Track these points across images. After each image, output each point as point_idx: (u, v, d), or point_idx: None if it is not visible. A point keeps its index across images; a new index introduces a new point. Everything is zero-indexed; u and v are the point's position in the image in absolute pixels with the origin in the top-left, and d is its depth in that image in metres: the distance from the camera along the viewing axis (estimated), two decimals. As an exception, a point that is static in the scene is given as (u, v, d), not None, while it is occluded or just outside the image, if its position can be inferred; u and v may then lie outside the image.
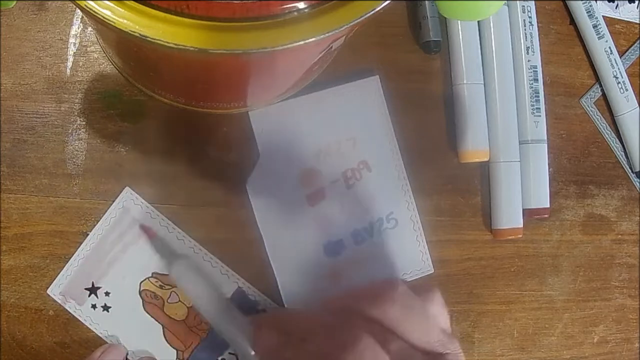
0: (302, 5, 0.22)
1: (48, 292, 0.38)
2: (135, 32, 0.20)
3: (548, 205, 0.43)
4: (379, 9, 0.22)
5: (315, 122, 0.40)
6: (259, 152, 0.39)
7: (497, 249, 0.43)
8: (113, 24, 0.20)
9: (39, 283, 0.38)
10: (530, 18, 0.43)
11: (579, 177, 0.45)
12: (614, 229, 0.45)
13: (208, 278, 0.38)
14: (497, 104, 0.42)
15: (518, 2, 0.43)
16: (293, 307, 0.40)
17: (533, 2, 0.43)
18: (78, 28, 0.39)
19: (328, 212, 0.40)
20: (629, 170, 0.46)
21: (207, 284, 0.38)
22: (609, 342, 0.45)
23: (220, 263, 0.39)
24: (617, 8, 0.45)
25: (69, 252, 0.38)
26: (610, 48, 0.44)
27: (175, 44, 0.21)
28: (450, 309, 0.43)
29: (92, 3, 0.20)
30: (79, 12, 0.38)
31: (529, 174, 0.43)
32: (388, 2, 0.22)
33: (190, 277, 0.37)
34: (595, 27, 0.44)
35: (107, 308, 0.39)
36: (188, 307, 0.39)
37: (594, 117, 0.45)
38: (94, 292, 0.38)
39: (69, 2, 0.21)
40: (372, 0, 0.22)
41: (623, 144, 0.45)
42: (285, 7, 0.21)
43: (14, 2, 0.24)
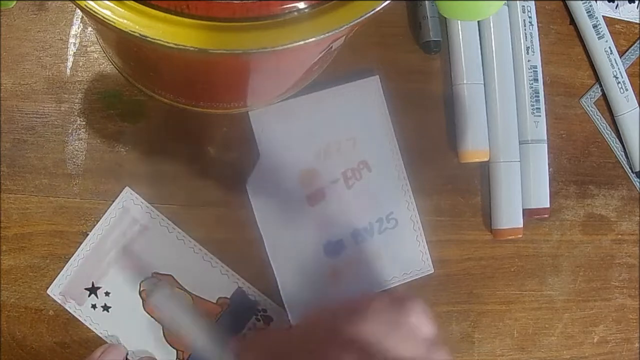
0: (302, 5, 0.22)
1: (48, 292, 0.38)
2: (135, 32, 0.20)
3: (548, 205, 0.43)
4: (379, 9, 0.22)
5: (315, 122, 0.40)
6: (259, 152, 0.39)
7: (497, 249, 0.43)
8: (113, 24, 0.20)
9: (39, 283, 0.38)
10: (530, 18, 0.43)
11: (579, 177, 0.45)
12: (614, 229, 0.45)
13: (187, 303, 0.39)
14: (497, 104, 0.42)
15: (518, 2, 0.43)
16: (293, 306, 0.40)
17: (533, 2, 0.43)
18: (78, 28, 0.39)
19: (328, 212, 0.40)
20: (629, 170, 0.46)
21: (187, 309, 0.38)
22: (609, 342, 0.45)
23: (220, 263, 0.39)
24: (617, 8, 0.45)
25: (69, 252, 0.38)
26: (610, 48, 0.44)
27: (175, 44, 0.21)
28: (450, 309, 0.43)
29: (92, 3, 0.20)
30: (79, 12, 0.38)
31: (529, 174, 0.43)
32: (388, 2, 0.22)
33: (170, 305, 0.38)
34: (595, 27, 0.44)
35: (107, 308, 0.39)
36: (188, 307, 0.39)
37: (594, 117, 0.45)
38: (94, 292, 0.38)
39: (69, 2, 0.21)
40: (372, 0, 0.22)
41: (623, 144, 0.45)
42: (285, 7, 0.21)
43: (14, 2, 0.24)
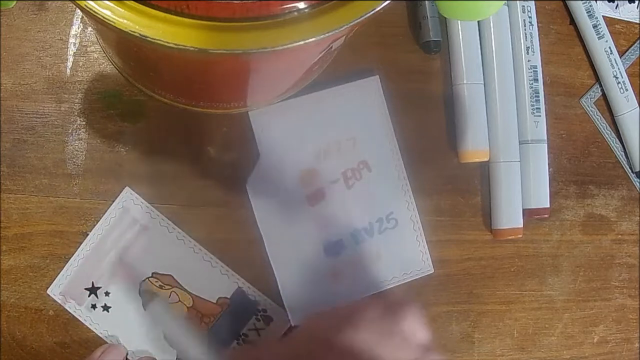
0: (302, 5, 0.22)
1: (48, 292, 0.38)
2: (135, 32, 0.20)
3: (548, 205, 0.43)
4: (379, 9, 0.22)
5: (315, 122, 0.40)
6: (259, 152, 0.39)
7: (497, 249, 0.43)
8: (113, 24, 0.20)
9: (39, 283, 0.38)
10: (530, 18, 0.43)
11: (579, 177, 0.45)
12: (614, 229, 0.45)
13: (180, 319, 0.39)
14: (497, 104, 0.42)
15: (518, 2, 0.43)
16: (293, 306, 0.39)
17: (533, 2, 0.43)
18: (78, 28, 0.39)
19: (328, 212, 0.40)
20: (629, 170, 0.46)
21: (181, 324, 0.38)
22: (609, 342, 0.45)
23: (220, 263, 0.39)
24: (617, 8, 0.45)
25: (69, 252, 0.38)
26: (610, 48, 0.44)
27: (175, 44, 0.21)
28: (450, 309, 0.43)
29: (92, 3, 0.20)
30: (79, 12, 0.38)
31: (529, 174, 0.43)
32: (388, 2, 0.22)
33: (165, 317, 0.38)
34: (595, 27, 0.44)
35: (107, 308, 0.39)
36: (188, 307, 0.39)
37: (594, 117, 0.45)
38: (94, 292, 0.38)
39: (69, 2, 0.21)
40: (372, 0, 0.22)
41: (623, 144, 0.45)
42: (285, 7, 0.21)
43: (14, 2, 0.24)
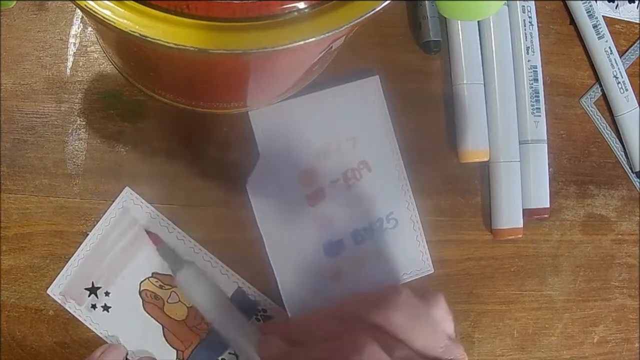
0: (302, 5, 0.22)
1: (48, 292, 0.38)
2: (135, 32, 0.20)
3: (548, 205, 0.43)
4: (379, 9, 0.22)
5: (315, 122, 0.40)
6: (259, 152, 0.39)
7: (497, 249, 0.43)
8: (113, 24, 0.20)
9: (39, 283, 0.38)
10: (530, 18, 0.43)
11: (579, 177, 0.45)
12: (614, 229, 0.45)
13: (213, 284, 0.38)
14: (497, 104, 0.42)
15: (518, 2, 0.43)
16: (293, 306, 0.39)
17: (533, 2, 0.43)
18: (78, 28, 0.39)
19: (328, 212, 0.40)
20: (629, 170, 0.46)
21: (212, 290, 0.38)
22: (609, 342, 0.45)
23: (220, 263, 0.39)
24: (617, 8, 0.45)
25: (69, 252, 0.38)
26: (610, 48, 0.44)
27: (175, 44, 0.21)
28: (450, 309, 0.43)
29: (92, 3, 0.20)
30: (79, 12, 0.38)
31: (529, 174, 0.43)
32: (388, 2, 0.22)
33: (196, 284, 0.38)
34: (595, 27, 0.44)
35: (107, 308, 0.39)
36: (188, 307, 0.39)
37: (594, 117, 0.45)
38: (94, 292, 0.38)
39: (69, 2, 0.21)
40: (372, 0, 0.22)
41: (623, 144, 0.45)
42: (285, 7, 0.21)
43: (14, 2, 0.24)
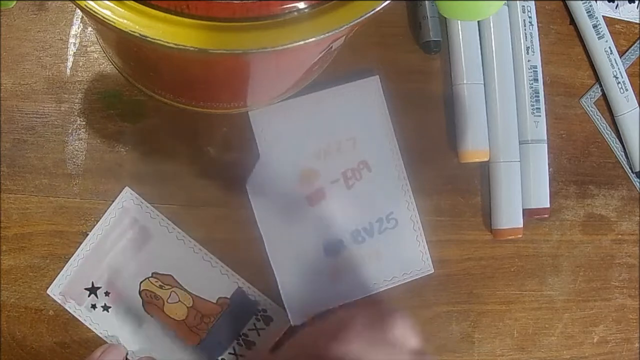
0: (302, 5, 0.22)
1: (48, 292, 0.38)
2: (135, 32, 0.20)
3: (548, 205, 0.43)
4: (379, 9, 0.22)
5: (315, 122, 0.40)
6: (259, 152, 0.39)
7: (497, 249, 0.43)
8: (113, 24, 0.20)
9: (39, 283, 0.38)
10: (530, 18, 0.43)
11: (579, 177, 0.45)
12: (614, 229, 0.45)
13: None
14: (497, 104, 0.42)
15: (518, 2, 0.43)
16: (293, 306, 0.39)
17: (533, 2, 0.43)
18: (78, 28, 0.39)
19: (328, 212, 0.40)
20: (629, 170, 0.46)
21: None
22: (609, 342, 0.45)
23: (220, 263, 0.39)
24: (617, 8, 0.45)
25: (69, 252, 0.38)
26: (610, 48, 0.44)
27: (175, 44, 0.21)
28: (450, 309, 0.43)
29: (92, 3, 0.20)
30: (79, 12, 0.38)
31: (529, 174, 0.43)
32: (388, 2, 0.22)
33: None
34: (595, 27, 0.44)
35: (107, 308, 0.39)
36: (188, 307, 0.39)
37: (594, 117, 0.45)
38: (94, 292, 0.38)
39: (69, 2, 0.21)
40: (372, 0, 0.22)
41: (623, 144, 0.45)
42: (285, 7, 0.21)
43: (14, 2, 0.24)
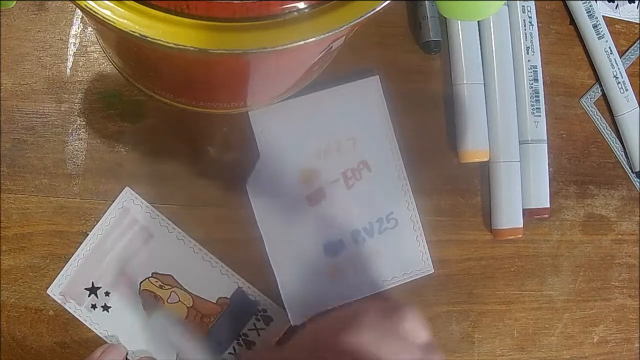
0: (302, 5, 0.22)
1: (48, 292, 0.38)
2: (135, 32, 0.20)
3: (548, 205, 0.43)
4: (379, 9, 0.22)
5: (315, 122, 0.40)
6: (259, 152, 0.39)
7: (497, 249, 0.43)
8: (113, 24, 0.20)
9: (39, 283, 0.38)
10: (530, 18, 0.43)
11: (579, 177, 0.45)
12: (614, 229, 0.45)
13: (179, 325, 0.39)
14: (497, 104, 0.42)
15: (518, 2, 0.43)
16: (293, 306, 0.39)
17: (533, 2, 0.43)
18: (78, 28, 0.39)
19: (328, 212, 0.40)
20: (629, 170, 0.46)
21: (178, 331, 0.39)
22: (609, 342, 0.45)
23: (220, 263, 0.39)
24: (617, 8, 0.45)
25: (69, 252, 0.38)
26: (610, 48, 0.44)
27: (175, 44, 0.21)
28: (450, 309, 0.43)
29: (92, 3, 0.20)
30: (79, 12, 0.38)
31: (529, 174, 0.43)
32: (388, 2, 0.22)
33: (164, 325, 0.39)
34: (595, 27, 0.44)
35: (107, 308, 0.39)
36: (188, 307, 0.39)
37: (594, 117, 0.45)
38: (94, 292, 0.38)
39: (69, 2, 0.21)
40: (372, 0, 0.22)
41: (623, 144, 0.45)
42: (285, 7, 0.21)
43: (14, 2, 0.24)
